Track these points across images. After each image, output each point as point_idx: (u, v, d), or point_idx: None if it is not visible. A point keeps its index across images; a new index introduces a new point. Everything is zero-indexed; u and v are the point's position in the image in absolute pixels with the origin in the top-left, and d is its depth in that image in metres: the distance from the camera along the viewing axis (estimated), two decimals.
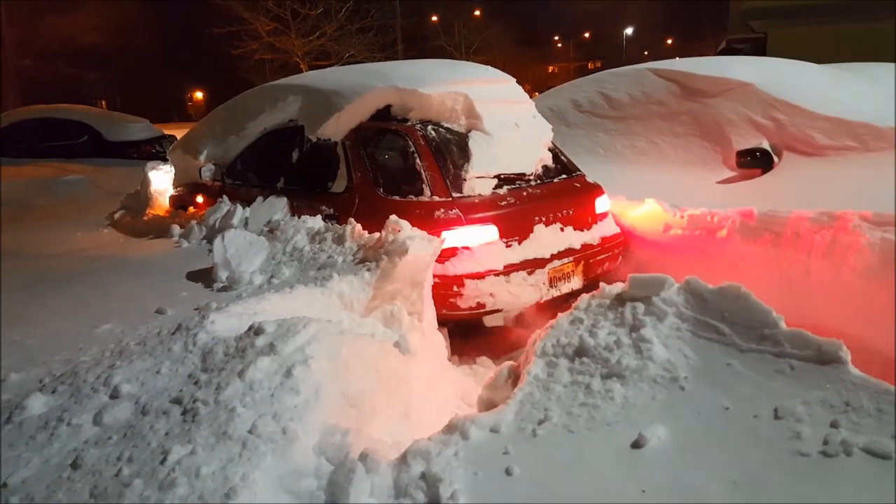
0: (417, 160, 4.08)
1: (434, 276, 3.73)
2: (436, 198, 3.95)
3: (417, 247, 3.45)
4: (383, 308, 3.44)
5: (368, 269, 3.48)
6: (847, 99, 5.08)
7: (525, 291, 3.93)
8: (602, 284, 3.04)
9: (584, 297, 3.04)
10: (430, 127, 4.24)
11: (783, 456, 2.01)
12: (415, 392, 2.85)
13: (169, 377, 2.49)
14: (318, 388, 2.37)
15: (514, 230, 4.01)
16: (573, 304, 3.05)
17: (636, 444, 2.15)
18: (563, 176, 4.59)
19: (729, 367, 2.41)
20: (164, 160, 7.35)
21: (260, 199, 4.81)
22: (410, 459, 2.14)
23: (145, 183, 6.76)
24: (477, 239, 3.88)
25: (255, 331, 2.66)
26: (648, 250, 4.70)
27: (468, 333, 4.31)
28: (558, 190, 4.43)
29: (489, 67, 4.98)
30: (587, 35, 60.89)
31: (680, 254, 4.49)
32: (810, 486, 1.88)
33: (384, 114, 4.44)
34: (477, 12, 39.78)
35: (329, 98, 4.62)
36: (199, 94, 48.09)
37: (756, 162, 5.04)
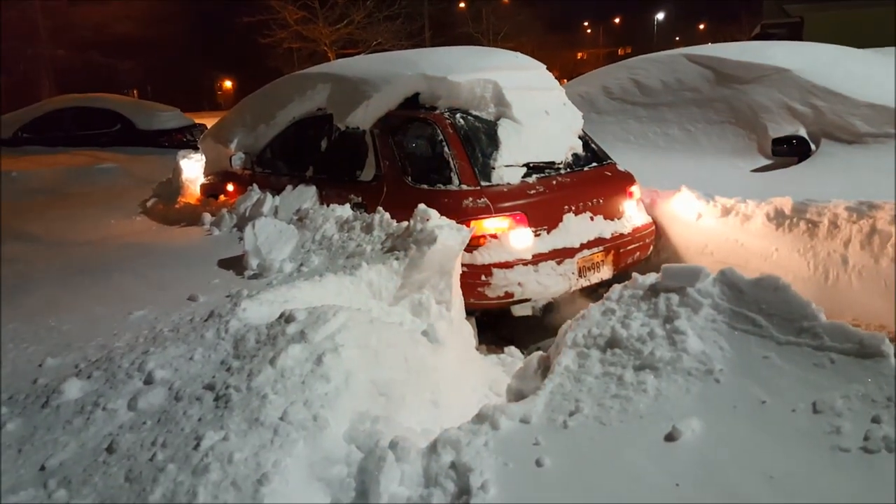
0: (446, 148, 4.04)
1: (462, 265, 3.71)
2: (464, 186, 3.91)
3: (446, 236, 3.44)
4: (411, 297, 3.44)
5: (397, 258, 3.48)
6: (889, 85, 4.92)
7: (554, 281, 3.89)
8: (635, 275, 3.00)
9: (617, 287, 3.00)
10: (458, 115, 4.20)
11: (822, 451, 1.96)
12: (443, 381, 2.84)
13: (202, 363, 2.52)
14: (348, 375, 2.38)
15: (544, 219, 3.95)
16: (605, 295, 3.01)
17: (670, 437, 2.12)
18: (594, 164, 4.52)
19: (766, 360, 2.36)
20: (195, 149, 7.43)
21: (289, 187, 4.83)
22: (440, 448, 2.14)
23: (177, 171, 6.83)
24: (505, 228, 3.84)
25: (286, 318, 2.68)
26: (681, 240, 4.62)
27: (496, 323, 4.30)
28: (588, 178, 4.36)
29: (519, 54, 4.90)
30: (617, 20, 60.00)
31: (713, 244, 4.41)
32: (850, 482, 1.84)
33: (413, 102, 4.40)
34: None
35: (357, 86, 4.59)
36: (228, 84, 48.51)
37: (792, 150, 4.92)
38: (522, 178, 4.06)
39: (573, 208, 4.10)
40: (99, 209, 6.29)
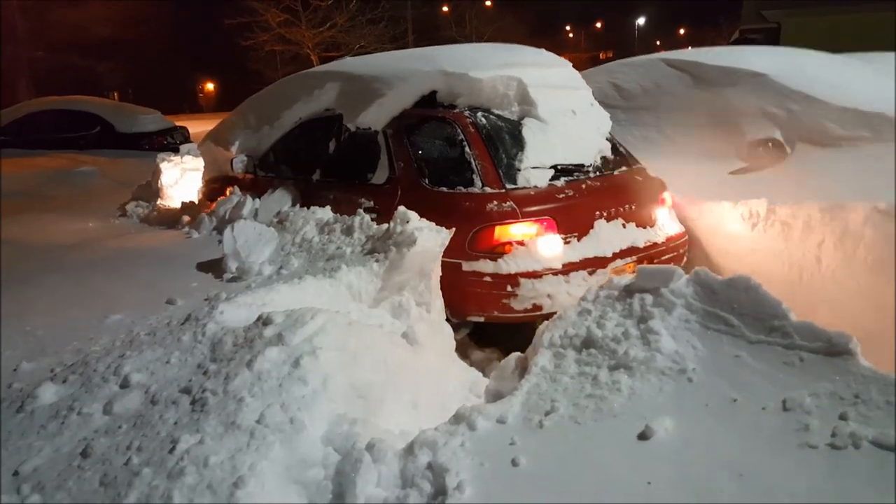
0: (467, 149, 3.81)
1: (486, 274, 3.56)
2: (487, 189, 3.68)
3: (426, 238, 3.44)
4: (391, 299, 3.44)
5: (377, 261, 3.48)
6: (862, 89, 5.01)
7: None
8: (610, 275, 3.03)
9: (592, 288, 3.03)
10: (479, 114, 3.98)
11: (791, 448, 2.00)
12: (422, 383, 2.85)
13: (178, 367, 2.51)
14: (325, 378, 2.38)
15: (574, 225, 3.70)
16: (581, 296, 3.04)
17: (643, 436, 2.15)
18: (624, 168, 4.27)
19: (737, 359, 2.40)
20: (176, 151, 7.39)
21: (269, 190, 4.80)
22: (417, 449, 2.15)
23: (156, 174, 6.80)
24: (533, 234, 3.61)
25: (264, 321, 2.68)
26: None
27: (478, 325, 4.30)
28: (619, 183, 4.12)
29: (544, 51, 4.65)
30: (599, 25, 60.41)
31: (691, 246, 4.46)
32: (818, 478, 1.87)
33: (429, 100, 4.17)
34: (488, 2, 39.57)
35: (369, 84, 4.32)
36: (210, 86, 48.23)
37: (768, 153, 5.00)
38: (550, 181, 3.81)
39: (605, 214, 3.85)
40: (78, 212, 6.24)
